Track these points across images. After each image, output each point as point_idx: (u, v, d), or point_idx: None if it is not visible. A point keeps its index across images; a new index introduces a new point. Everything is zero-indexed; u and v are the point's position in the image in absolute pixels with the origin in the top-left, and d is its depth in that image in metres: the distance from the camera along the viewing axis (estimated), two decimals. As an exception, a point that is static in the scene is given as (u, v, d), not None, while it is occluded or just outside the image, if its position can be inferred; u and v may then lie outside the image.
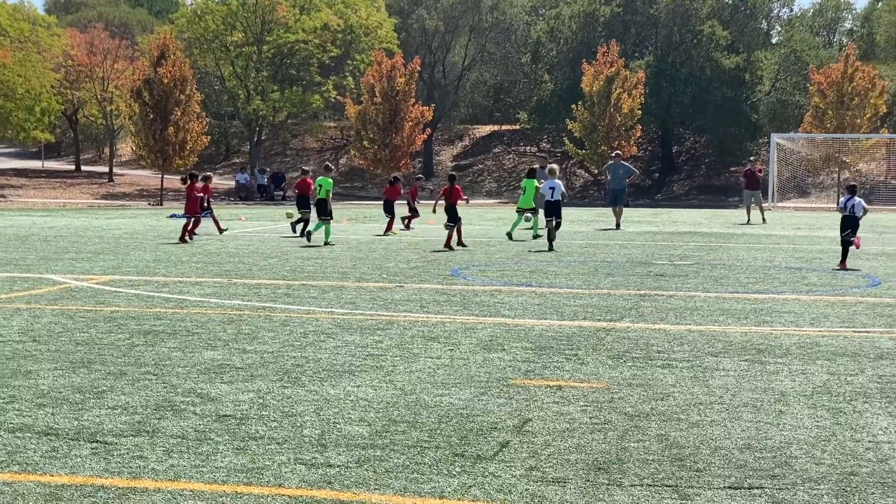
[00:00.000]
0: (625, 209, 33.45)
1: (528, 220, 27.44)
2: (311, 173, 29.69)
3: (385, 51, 60.09)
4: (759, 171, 40.43)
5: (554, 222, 23.68)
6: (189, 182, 26.81)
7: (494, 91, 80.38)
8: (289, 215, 38.47)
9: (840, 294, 15.38)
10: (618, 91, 57.10)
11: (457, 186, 24.81)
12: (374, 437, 7.05)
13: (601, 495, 5.89)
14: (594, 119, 57.31)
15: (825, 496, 5.89)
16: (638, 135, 59.10)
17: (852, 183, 22.45)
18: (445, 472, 6.26)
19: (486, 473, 6.25)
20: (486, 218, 39.88)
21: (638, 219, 33.77)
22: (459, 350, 10.35)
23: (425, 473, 6.24)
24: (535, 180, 26.53)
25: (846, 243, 19.61)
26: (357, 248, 23.55)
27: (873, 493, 5.94)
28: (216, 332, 11.39)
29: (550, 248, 23.18)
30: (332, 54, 67.14)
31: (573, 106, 58.56)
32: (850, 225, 19.65)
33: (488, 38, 77.41)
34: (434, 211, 28.13)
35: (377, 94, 55.65)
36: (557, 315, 12.92)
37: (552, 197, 24.05)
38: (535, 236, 26.78)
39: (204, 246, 23.79)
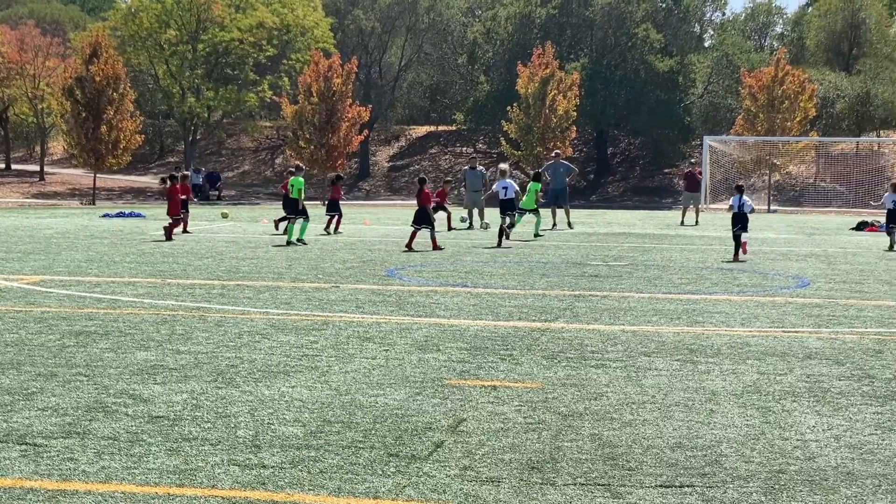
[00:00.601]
0: (559, 210, 33.68)
1: (516, 219, 28.13)
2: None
3: (322, 51, 59.86)
4: (699, 173, 40.91)
5: (508, 220, 25.29)
6: (169, 184, 26.93)
7: (431, 92, 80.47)
8: (224, 215, 38.27)
9: (770, 295, 15.60)
10: (553, 93, 57.40)
11: (426, 190, 24.82)
12: (309, 437, 7.03)
13: (535, 494, 5.93)
14: (530, 120, 57.57)
15: (754, 494, 5.98)
16: (573, 136, 59.47)
17: (740, 183, 25.53)
18: (380, 473, 6.27)
19: (421, 473, 6.27)
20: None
21: (573, 220, 33.95)
22: (394, 350, 10.36)
23: (360, 474, 6.24)
24: (539, 183, 28.30)
25: (737, 238, 21.85)
26: (293, 248, 23.45)
27: (801, 491, 6.04)
28: (149, 332, 11.29)
29: (499, 245, 24.25)
30: (268, 54, 66.77)
31: (509, 107, 58.78)
32: (740, 221, 22.06)
33: (425, 39, 77.47)
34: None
35: (314, 94, 55.44)
36: (492, 315, 12.97)
37: (505, 196, 25.66)
38: (536, 235, 27.93)
39: (137, 246, 23.56)
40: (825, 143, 61.05)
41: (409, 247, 23.06)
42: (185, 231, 27.73)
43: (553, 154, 37.54)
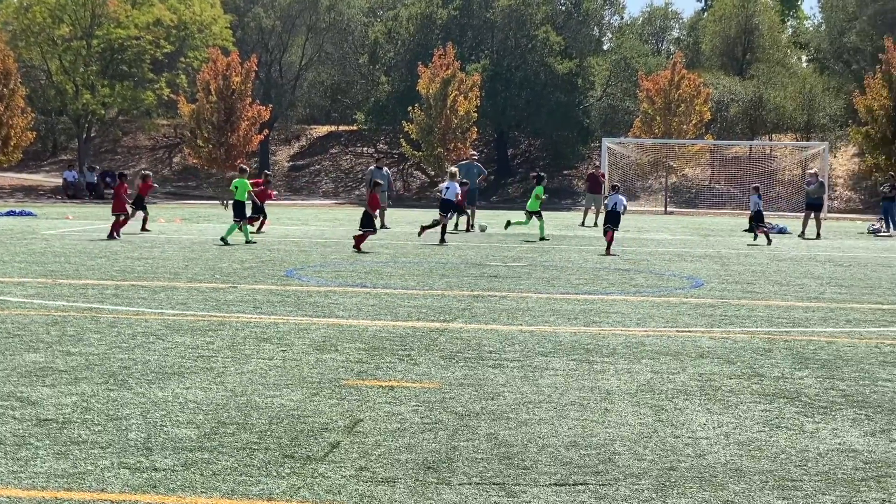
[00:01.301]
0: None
1: (525, 222, 29.27)
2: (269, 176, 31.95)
3: (220, 48, 59.22)
4: (601, 175, 41.41)
5: (446, 219, 26.58)
6: (119, 182, 27.82)
7: (332, 91, 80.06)
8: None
9: (665, 295, 15.84)
10: (454, 93, 57.59)
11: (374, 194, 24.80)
12: (203, 439, 6.95)
13: (430, 494, 5.94)
14: (431, 121, 57.67)
15: (645, 491, 6.06)
16: (474, 137, 59.74)
17: (616, 184, 28.68)
18: (274, 474, 6.22)
19: (316, 474, 6.24)
20: (322, 219, 39.75)
21: (474, 221, 34.06)
22: (292, 351, 10.29)
23: (254, 475, 6.19)
24: (542, 187, 28.95)
25: (606, 233, 24.05)
26: (190, 248, 23.17)
27: (691, 487, 6.14)
28: (39, 333, 11.05)
29: (442, 241, 25.60)
30: (166, 50, 65.84)
31: (410, 108, 58.82)
32: (612, 219, 24.07)
33: (326, 39, 77.06)
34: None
35: (212, 93, 54.87)
36: (391, 316, 12.96)
37: (445, 195, 26.85)
38: (542, 238, 28.16)
39: (28, 245, 23.06)
40: (720, 146, 62.19)
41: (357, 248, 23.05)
42: (143, 229, 28.39)
43: (468, 155, 37.65)
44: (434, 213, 29.24)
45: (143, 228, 28.57)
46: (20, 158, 54.24)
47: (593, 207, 38.60)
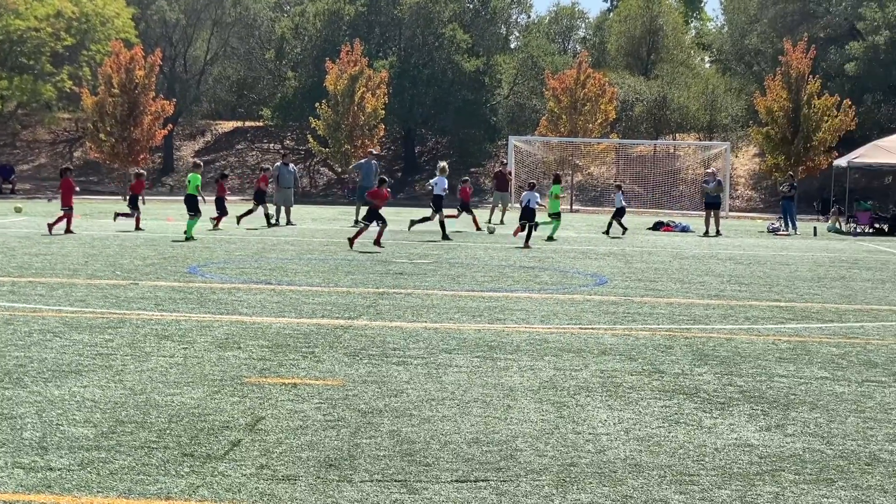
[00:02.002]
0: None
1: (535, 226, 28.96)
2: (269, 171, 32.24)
3: (123, 41, 58.28)
4: (509, 173, 41.63)
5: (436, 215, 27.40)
6: (63, 176, 27.32)
7: (238, 87, 79.29)
8: (17, 209, 36.84)
9: (569, 293, 15.98)
10: (361, 90, 57.44)
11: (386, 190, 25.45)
12: (100, 438, 6.84)
13: (331, 492, 5.91)
14: (338, 118, 57.46)
15: (546, 487, 6.11)
16: (381, 134, 59.65)
17: (532, 181, 29.18)
18: (173, 473, 6.15)
19: (216, 473, 6.18)
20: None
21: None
22: (194, 348, 10.18)
23: (152, 475, 6.10)
24: (559, 186, 29.44)
25: (525, 227, 25.73)
26: (91, 244, 22.77)
27: (591, 483, 6.20)
28: (-68, 331, 10.79)
29: (445, 237, 26.60)
30: (67, 43, 64.63)
31: (317, 104, 58.53)
32: (527, 215, 25.97)
33: (231, 33, 76.34)
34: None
35: (115, 86, 53.99)
36: (295, 313, 12.89)
37: (434, 191, 27.68)
38: (550, 238, 28.43)
39: (-77, 241, 22.47)
40: (625, 145, 62.92)
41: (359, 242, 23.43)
42: (137, 228, 28.01)
43: (367, 152, 37.54)
44: (428, 212, 28.94)
45: (137, 227, 28.02)
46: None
47: (500, 205, 38.77)
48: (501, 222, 37.39)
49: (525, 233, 25.90)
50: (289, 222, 32.24)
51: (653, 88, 68.92)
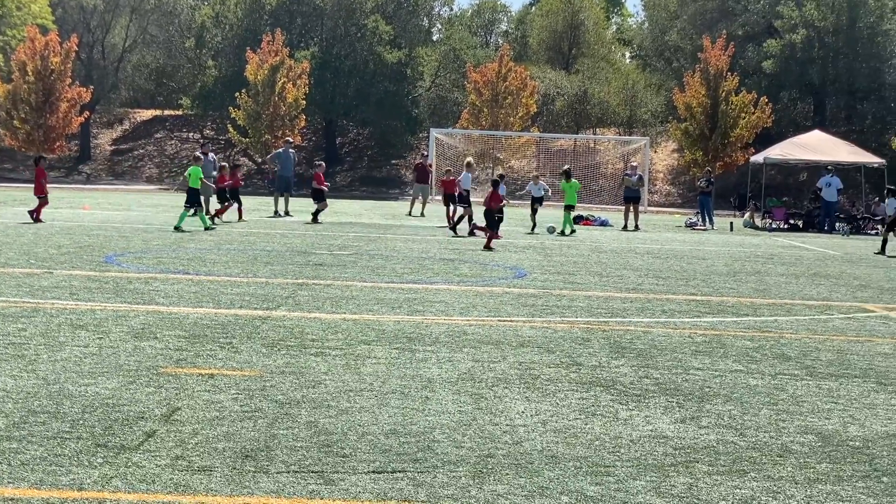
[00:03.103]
0: (291, 199, 33.75)
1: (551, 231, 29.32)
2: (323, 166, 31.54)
3: (39, 27, 57.21)
4: (429, 166, 41.67)
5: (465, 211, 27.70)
6: (37, 166, 27.41)
7: (157, 75, 78.30)
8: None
9: (489, 285, 16.03)
10: (282, 80, 57.08)
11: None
12: (11, 428, 6.71)
13: (247, 483, 5.87)
14: (258, 107, 57.05)
15: (463, 478, 6.12)
16: (302, 125, 59.36)
17: (496, 178, 28.42)
18: (86, 464, 6.05)
19: (130, 464, 6.09)
20: (144, 204, 38.86)
21: (300, 208, 33.89)
22: (109, 338, 10.03)
23: (64, 465, 6.01)
24: (573, 180, 29.91)
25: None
26: (4, 232, 22.35)
27: (507, 474, 6.23)
28: None
29: (471, 233, 26.30)
30: (-19, 28, 63.36)
31: (237, 93, 58.03)
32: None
33: (150, 20, 75.35)
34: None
35: (29, 73, 53.02)
36: (213, 303, 12.76)
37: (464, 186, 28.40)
38: (562, 233, 29.05)
39: None
40: (546, 139, 63.29)
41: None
42: (240, 219, 28.89)
43: (283, 142, 37.35)
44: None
45: (241, 218, 28.93)
46: None
47: (420, 197, 38.79)
48: (422, 214, 37.42)
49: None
50: (207, 211, 31.89)
51: (574, 83, 69.40)
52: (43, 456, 6.17)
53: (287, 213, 32.62)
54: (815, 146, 41.50)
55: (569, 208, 29.84)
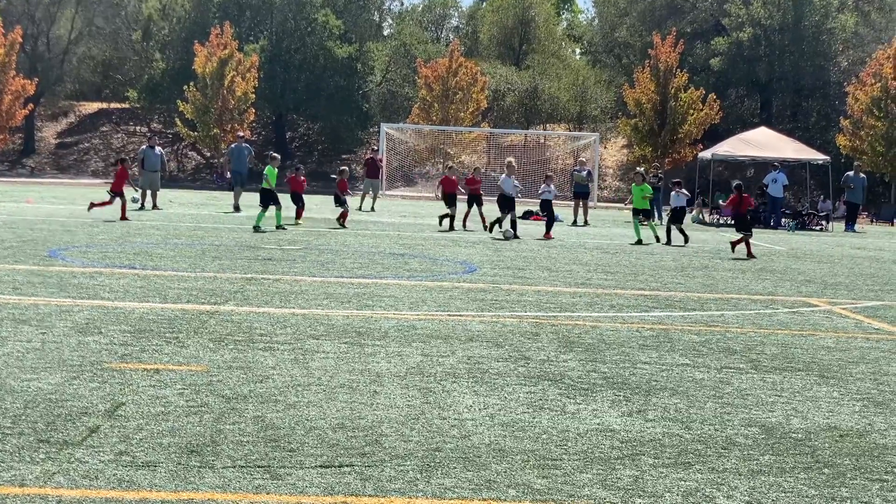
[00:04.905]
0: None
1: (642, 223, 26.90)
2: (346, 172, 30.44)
3: (-17, 18, 56.45)
4: (380, 160, 41.54)
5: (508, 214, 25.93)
6: (120, 166, 27.15)
7: (103, 67, 77.48)
8: None
9: (438, 280, 16.02)
10: (231, 74, 56.71)
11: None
12: (-49, 425, 6.61)
13: (192, 478, 5.82)
14: (207, 101, 56.64)
15: (410, 472, 6.11)
16: (251, 119, 59.01)
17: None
18: (28, 460, 5.97)
19: (73, 459, 6.02)
20: (90, 198, 38.37)
21: (249, 203, 33.67)
22: (52, 333, 9.91)
23: (6, 461, 5.92)
24: (645, 185, 26.88)
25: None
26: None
27: (455, 468, 6.22)
28: None
29: (516, 236, 25.32)
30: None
31: (185, 87, 57.58)
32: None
33: (97, 13, 74.54)
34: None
35: (-27, 64, 52.33)
36: (160, 298, 12.65)
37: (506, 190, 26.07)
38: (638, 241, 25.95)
39: None
40: (496, 134, 63.38)
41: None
42: (299, 220, 27.64)
43: (237, 136, 37.09)
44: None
45: (298, 220, 27.77)
46: None
47: (371, 192, 38.69)
48: (372, 209, 37.34)
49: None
50: (154, 206, 31.65)
51: (524, 79, 69.56)
52: (-16, 452, 6.08)
53: (237, 209, 32.37)
54: (762, 143, 41.89)
55: (637, 213, 26.64)
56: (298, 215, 28.04)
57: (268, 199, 24.93)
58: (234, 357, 9.20)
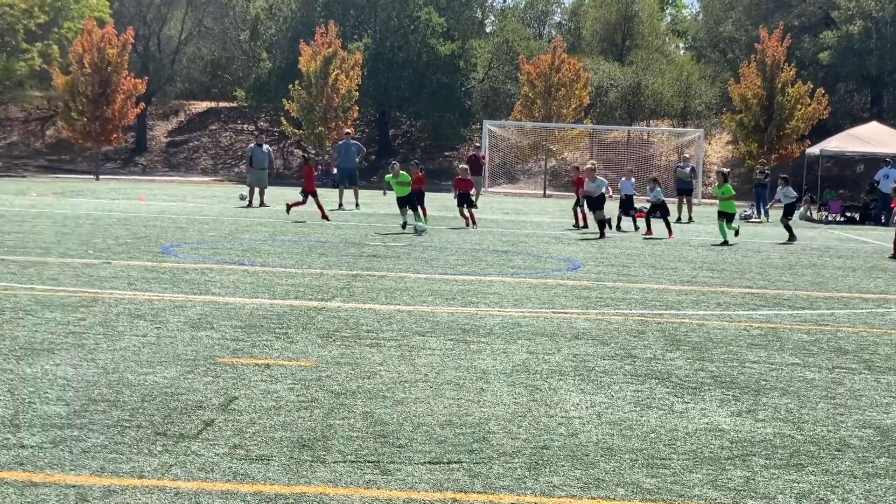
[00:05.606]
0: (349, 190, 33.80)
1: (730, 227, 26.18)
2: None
3: (96, 20, 57.79)
4: (483, 157, 41.58)
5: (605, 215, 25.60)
6: (306, 164, 28.29)
7: (212, 67, 78.84)
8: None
9: (542, 277, 16.01)
10: (336, 72, 57.22)
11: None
12: (73, 416, 6.81)
13: (304, 472, 5.92)
14: (311, 99, 57.23)
15: (519, 469, 6.13)
16: (355, 116, 59.46)
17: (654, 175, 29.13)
18: (146, 452, 6.13)
19: (189, 452, 6.17)
20: (200, 195, 39.16)
21: (353, 199, 33.97)
22: (167, 328, 10.15)
23: (125, 453, 6.09)
24: (726, 186, 25.57)
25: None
26: (63, 222, 22.63)
27: (563, 466, 6.23)
28: None
29: (602, 235, 24.76)
30: (40, 20, 64.07)
31: (291, 85, 58.27)
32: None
33: (206, 13, 75.88)
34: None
35: (86, 65, 53.58)
36: (269, 294, 12.86)
37: (601, 191, 25.83)
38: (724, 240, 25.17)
39: None
40: (598, 130, 62.98)
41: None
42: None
43: (344, 133, 37.43)
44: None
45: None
46: None
47: (474, 189, 38.68)
48: (475, 206, 37.34)
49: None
50: (262, 203, 32.14)
51: (627, 74, 68.98)
52: (104, 444, 6.26)
53: (356, 206, 32.62)
54: (872, 138, 40.95)
55: (722, 216, 25.07)
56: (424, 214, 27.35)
57: (404, 202, 24.72)
58: (342, 353, 9.32)
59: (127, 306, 11.43)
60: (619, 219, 28.49)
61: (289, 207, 27.39)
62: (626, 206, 29.01)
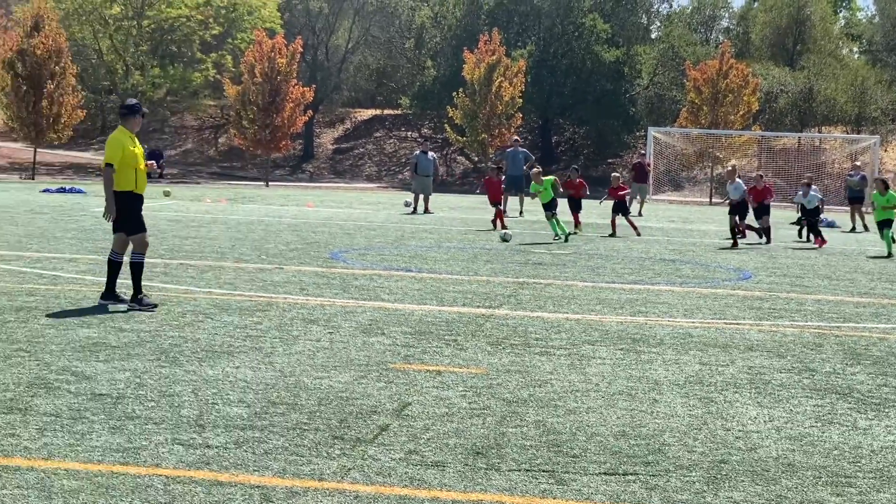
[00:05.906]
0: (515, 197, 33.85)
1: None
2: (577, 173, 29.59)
3: (267, 31, 59.36)
4: (648, 165, 41.17)
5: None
6: (488, 175, 28.08)
7: (377, 75, 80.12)
8: (166, 193, 37.87)
9: (712, 287, 15.74)
10: (499, 79, 57.43)
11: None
12: (253, 418, 6.99)
13: (479, 479, 5.93)
14: (475, 106, 57.56)
15: (697, 483, 6.03)
16: (518, 123, 59.56)
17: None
18: (325, 455, 6.24)
19: (366, 456, 6.25)
20: (365, 202, 39.80)
21: (514, 207, 34.02)
22: (339, 333, 10.32)
23: (304, 455, 6.21)
24: (890, 194, 24.80)
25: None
26: (237, 228, 23.29)
27: (743, 481, 6.09)
28: (91, 309, 11.16)
29: (768, 241, 25.24)
30: (214, 32, 66.13)
31: (455, 93, 58.73)
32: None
33: (372, 22, 77.14)
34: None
35: (257, 75, 55.05)
36: (437, 300, 12.96)
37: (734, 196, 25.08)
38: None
39: (78, 222, 23.27)
40: (767, 137, 61.64)
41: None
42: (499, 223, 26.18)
43: (512, 141, 37.55)
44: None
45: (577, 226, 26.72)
46: (70, 136, 54.63)
47: (639, 197, 38.35)
48: (640, 214, 36.99)
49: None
50: (426, 210, 32.46)
51: (798, 80, 67.32)
52: (284, 446, 6.39)
53: (520, 213, 32.69)
54: None
55: (883, 225, 24.05)
56: (577, 223, 26.97)
57: (548, 207, 24.57)
58: (512, 361, 9.33)
59: (300, 311, 11.67)
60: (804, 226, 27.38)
61: (494, 224, 26.24)
62: (812, 214, 27.25)
